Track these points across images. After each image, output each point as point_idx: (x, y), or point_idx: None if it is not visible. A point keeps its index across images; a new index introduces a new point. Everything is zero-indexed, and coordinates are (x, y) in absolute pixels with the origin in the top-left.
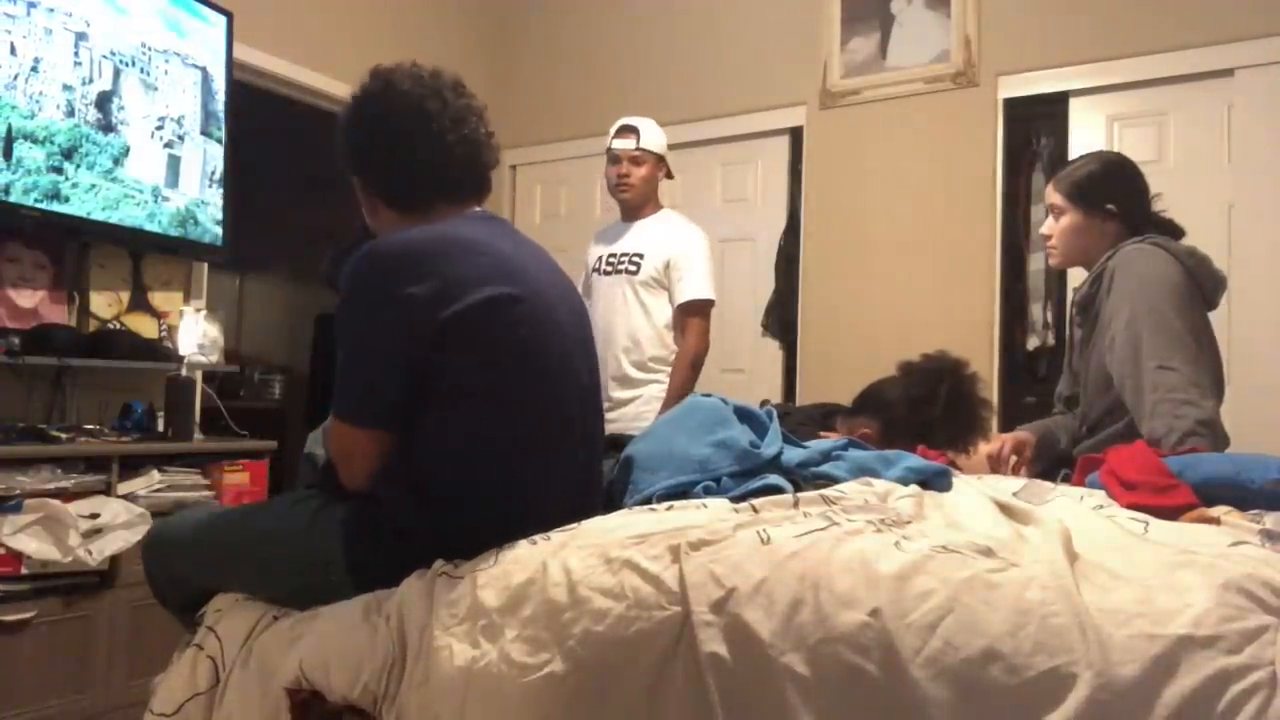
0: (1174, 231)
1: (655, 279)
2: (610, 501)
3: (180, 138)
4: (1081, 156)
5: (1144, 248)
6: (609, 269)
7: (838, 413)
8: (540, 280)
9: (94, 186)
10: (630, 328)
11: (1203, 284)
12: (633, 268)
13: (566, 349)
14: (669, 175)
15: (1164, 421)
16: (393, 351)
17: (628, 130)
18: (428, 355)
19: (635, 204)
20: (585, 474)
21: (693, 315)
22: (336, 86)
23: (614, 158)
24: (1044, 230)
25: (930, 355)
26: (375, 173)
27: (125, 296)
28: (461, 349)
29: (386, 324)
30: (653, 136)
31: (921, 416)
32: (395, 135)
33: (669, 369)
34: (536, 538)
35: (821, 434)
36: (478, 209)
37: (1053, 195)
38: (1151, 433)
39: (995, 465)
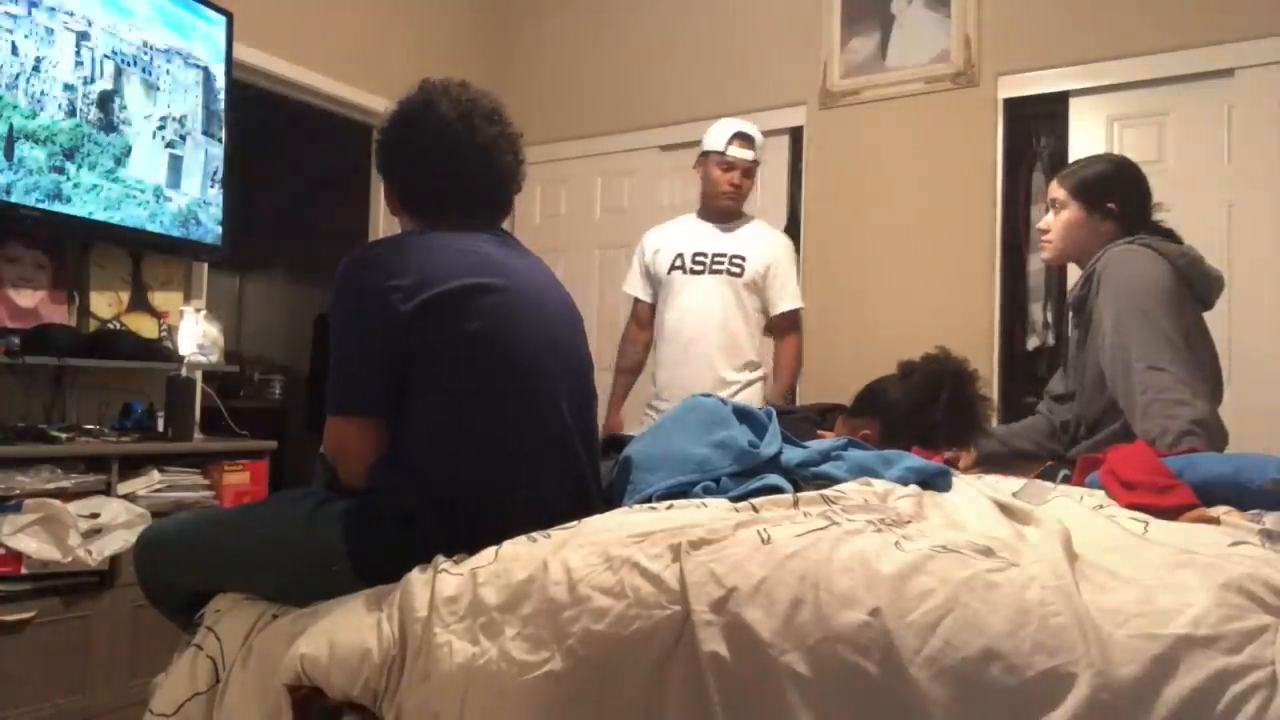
0: (1170, 240)
1: (756, 283)
2: (610, 501)
3: (182, 137)
4: (1091, 156)
5: (1131, 248)
6: (699, 267)
7: (837, 412)
8: (525, 279)
9: (96, 186)
10: (731, 329)
11: (1194, 284)
12: (735, 269)
13: (548, 340)
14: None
15: (1157, 423)
16: (373, 341)
17: (745, 140)
18: (404, 340)
19: (737, 211)
20: (578, 464)
21: (792, 328)
22: (336, 86)
23: (728, 164)
24: (1041, 225)
25: (931, 355)
26: (398, 180)
27: (125, 296)
28: (432, 334)
29: (366, 316)
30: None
31: (923, 418)
32: (421, 153)
33: (755, 372)
34: (536, 535)
35: (820, 433)
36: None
37: (1056, 190)
38: (1145, 434)
39: None
